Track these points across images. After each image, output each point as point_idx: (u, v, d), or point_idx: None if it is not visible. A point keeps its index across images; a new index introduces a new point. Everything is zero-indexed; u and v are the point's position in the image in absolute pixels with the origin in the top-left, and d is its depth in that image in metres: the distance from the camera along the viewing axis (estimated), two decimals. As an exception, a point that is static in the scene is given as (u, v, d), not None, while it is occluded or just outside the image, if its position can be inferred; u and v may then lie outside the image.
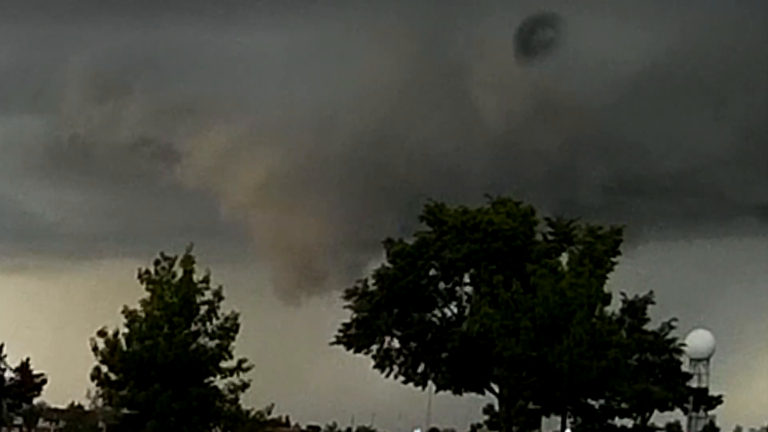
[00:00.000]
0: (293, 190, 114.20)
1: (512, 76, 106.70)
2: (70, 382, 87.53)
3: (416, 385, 74.00)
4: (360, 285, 73.17)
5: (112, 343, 46.03)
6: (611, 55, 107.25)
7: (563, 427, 54.98)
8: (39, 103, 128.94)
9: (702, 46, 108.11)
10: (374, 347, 73.71)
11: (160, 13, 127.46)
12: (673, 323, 72.32)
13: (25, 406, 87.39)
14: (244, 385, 47.30)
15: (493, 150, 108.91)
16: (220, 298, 47.00)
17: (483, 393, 74.56)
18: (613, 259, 64.27)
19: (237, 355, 46.93)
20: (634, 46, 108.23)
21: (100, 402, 76.73)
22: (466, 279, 72.29)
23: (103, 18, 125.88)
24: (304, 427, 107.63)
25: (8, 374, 76.95)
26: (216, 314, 46.88)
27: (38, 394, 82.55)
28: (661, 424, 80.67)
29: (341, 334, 73.66)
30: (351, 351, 74.00)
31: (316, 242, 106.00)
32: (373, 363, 73.99)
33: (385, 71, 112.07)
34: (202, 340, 46.60)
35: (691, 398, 76.18)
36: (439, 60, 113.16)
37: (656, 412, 73.90)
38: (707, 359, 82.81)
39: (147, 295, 46.40)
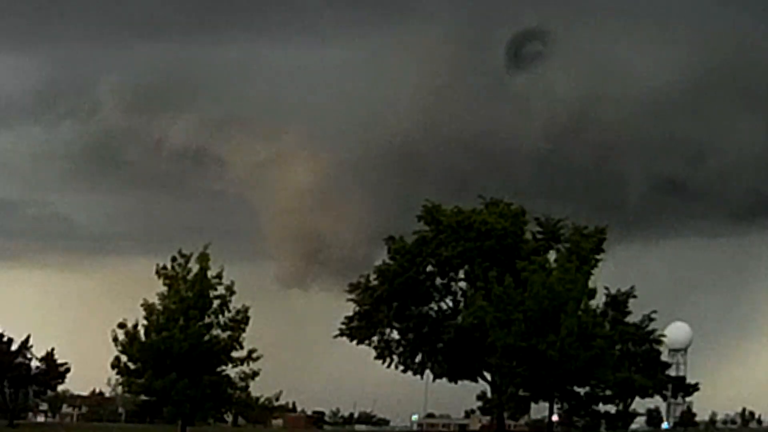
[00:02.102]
0: (318, 195, 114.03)
1: (546, 84, 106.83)
2: (91, 371, 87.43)
3: (414, 373, 73.93)
4: (362, 280, 73.16)
5: (131, 335, 45.88)
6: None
7: (551, 413, 54.76)
8: (76, 114, 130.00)
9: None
10: (375, 338, 73.67)
11: (202, 33, 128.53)
12: (653, 316, 72.42)
13: (49, 393, 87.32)
14: (254, 374, 47.12)
15: (515, 155, 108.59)
16: (232, 293, 46.86)
17: (476, 381, 74.49)
18: (597, 256, 64.25)
19: (247, 346, 46.79)
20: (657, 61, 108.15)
21: (120, 389, 76.52)
22: (461, 275, 72.22)
23: (150, 36, 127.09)
24: (309, 413, 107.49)
25: (34, 363, 76.75)
26: (228, 307, 46.73)
27: (62, 382, 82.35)
28: (641, 410, 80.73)
29: (344, 327, 73.61)
30: (354, 342, 73.96)
31: (332, 241, 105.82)
32: (374, 353, 73.99)
33: (424, 84, 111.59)
34: (215, 331, 46.43)
35: (669, 386, 76.23)
36: (477, 70, 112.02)
37: (637, 398, 73.91)
38: (685, 349, 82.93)
39: (164, 289, 46.26)
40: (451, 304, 73.47)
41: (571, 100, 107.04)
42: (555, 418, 57.04)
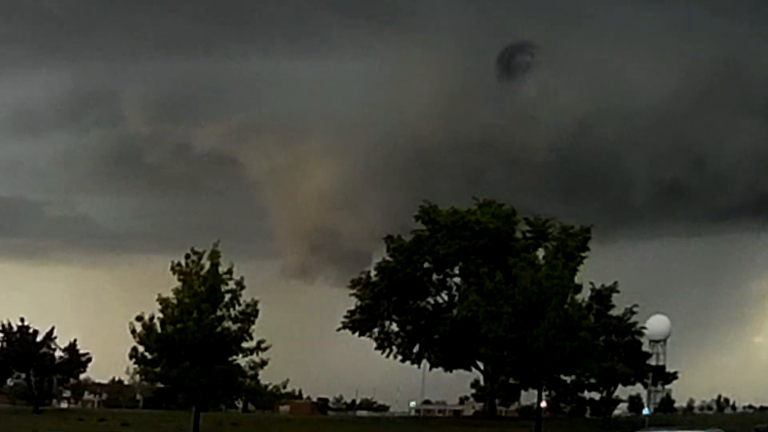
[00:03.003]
0: (329, 196, 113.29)
1: (553, 95, 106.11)
2: (111, 360, 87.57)
3: (412, 363, 74.07)
4: (363, 276, 73.23)
5: (148, 327, 45.83)
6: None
7: (539, 400, 54.60)
8: (100, 123, 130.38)
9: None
10: (376, 330, 73.75)
11: (222, 48, 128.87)
12: (635, 309, 72.15)
13: (72, 381, 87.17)
14: (263, 363, 47.09)
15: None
16: (242, 287, 46.81)
17: (470, 370, 74.59)
18: (582, 254, 64.22)
19: (256, 337, 46.76)
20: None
21: (137, 377, 76.71)
22: (456, 271, 72.35)
23: (172, 51, 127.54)
24: (314, 399, 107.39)
25: (58, 353, 76.67)
26: (238, 301, 46.64)
27: (84, 371, 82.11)
28: (624, 397, 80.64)
29: (347, 320, 73.65)
30: (356, 334, 74.02)
31: (341, 239, 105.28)
32: (374, 344, 74.05)
33: (434, 93, 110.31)
34: (226, 323, 46.37)
35: (650, 374, 75.92)
36: (486, 80, 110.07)
37: (620, 386, 73.71)
38: (664, 340, 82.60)
39: (179, 284, 46.22)
40: (446, 298, 73.60)
41: (575, 110, 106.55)
42: (543, 404, 56.83)
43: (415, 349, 73.29)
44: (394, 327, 73.70)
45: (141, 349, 46.20)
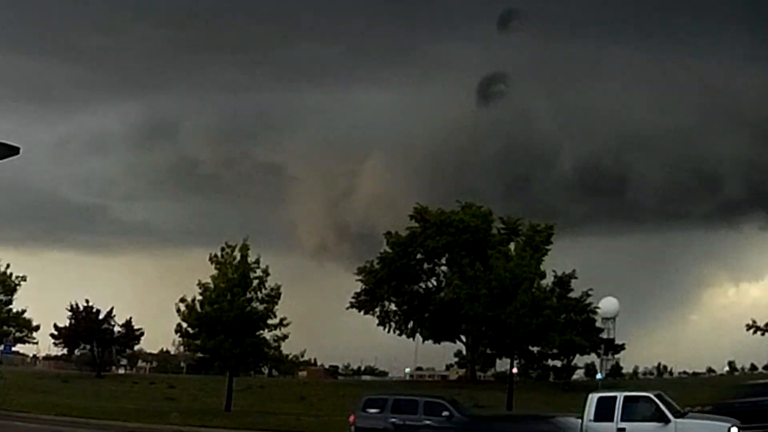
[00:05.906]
0: (358, 200, 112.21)
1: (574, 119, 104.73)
2: (160, 334, 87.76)
3: (407, 336, 74.15)
4: (368, 264, 73.31)
5: (190, 307, 45.90)
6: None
7: (511, 367, 54.54)
8: (162, 144, 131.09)
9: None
10: (377, 310, 73.80)
11: (275, 86, 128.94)
12: (590, 292, 72.21)
13: (128, 351, 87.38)
14: (285, 336, 47.16)
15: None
16: (268, 274, 46.89)
17: (455, 342, 74.73)
18: (547, 247, 64.13)
19: (279, 315, 46.86)
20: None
21: (181, 348, 76.77)
22: (443, 261, 72.42)
23: (228, 88, 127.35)
24: (326, 366, 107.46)
25: (116, 329, 76.92)
26: (264, 286, 46.71)
27: (138, 343, 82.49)
28: (581, 365, 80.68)
29: (353, 300, 73.74)
30: (361, 312, 74.10)
31: (359, 234, 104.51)
32: (376, 321, 74.13)
33: (460, 118, 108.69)
34: (254, 304, 46.45)
35: (602, 346, 75.89)
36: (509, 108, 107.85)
37: (578, 355, 73.78)
38: (614, 318, 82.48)
39: (215, 272, 46.30)
40: (435, 283, 73.66)
41: (581, 132, 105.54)
42: (515, 370, 56.80)
43: (410, 325, 73.36)
44: (393, 307, 73.78)
45: (184, 325, 46.29)
